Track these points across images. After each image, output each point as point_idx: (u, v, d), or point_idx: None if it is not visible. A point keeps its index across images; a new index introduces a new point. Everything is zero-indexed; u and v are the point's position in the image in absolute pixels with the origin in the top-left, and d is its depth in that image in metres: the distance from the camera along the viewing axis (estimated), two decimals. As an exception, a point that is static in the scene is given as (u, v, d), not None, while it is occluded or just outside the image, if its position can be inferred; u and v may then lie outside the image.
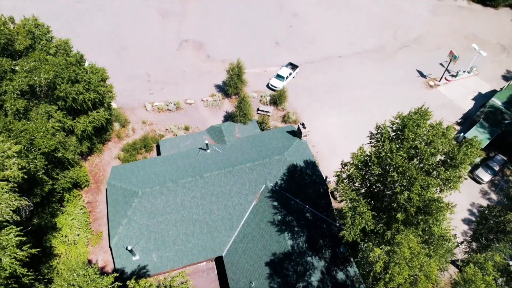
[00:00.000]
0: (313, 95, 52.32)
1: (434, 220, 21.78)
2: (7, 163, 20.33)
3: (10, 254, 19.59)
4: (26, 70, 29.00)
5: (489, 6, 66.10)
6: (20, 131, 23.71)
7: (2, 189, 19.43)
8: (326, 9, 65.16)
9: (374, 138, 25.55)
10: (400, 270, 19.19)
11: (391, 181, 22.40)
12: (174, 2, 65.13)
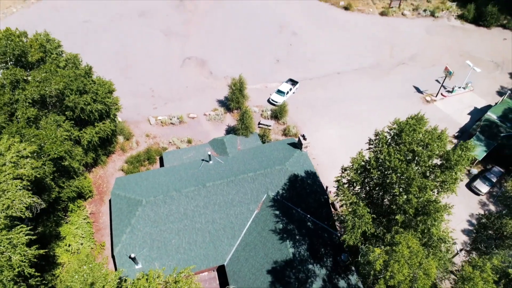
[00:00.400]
0: (313, 110, 53.60)
1: (432, 221, 22.38)
2: (21, 163, 21.18)
3: (20, 252, 20.11)
4: (38, 81, 30.22)
5: (482, 26, 68.41)
6: (32, 136, 24.58)
7: (16, 187, 20.16)
8: (324, 28, 67.47)
9: (373, 144, 26.48)
10: (399, 268, 19.66)
11: (390, 183, 23.15)
12: (177, 23, 67.51)
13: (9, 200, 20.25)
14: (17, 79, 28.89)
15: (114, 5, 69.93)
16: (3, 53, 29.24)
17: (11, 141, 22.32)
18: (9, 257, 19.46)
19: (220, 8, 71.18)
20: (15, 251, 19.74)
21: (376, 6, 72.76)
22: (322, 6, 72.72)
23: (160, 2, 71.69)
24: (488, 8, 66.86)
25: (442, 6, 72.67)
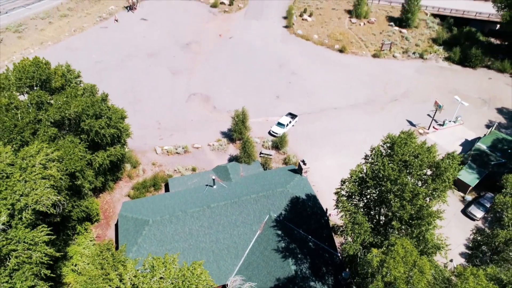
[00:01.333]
0: (312, 141, 56.22)
1: (426, 224, 24.01)
2: (49, 165, 23.13)
3: (40, 250, 21.47)
4: (59, 105, 32.96)
5: (468, 67, 73.30)
6: (54, 150, 26.69)
7: (44, 185, 21.97)
8: (321, 68, 72.15)
9: (368, 158, 28.71)
10: (395, 264, 21.03)
11: (385, 190, 25.07)
12: (183, 62, 72.25)
13: (37, 196, 22.01)
14: (41, 101, 31.64)
15: (125, 47, 75.14)
16: (31, 77, 32.33)
17: (41, 146, 24.54)
18: (30, 255, 20.77)
19: (223, 50, 76.44)
20: (36, 249, 21.11)
21: (368, 49, 78.19)
22: (319, 49, 78.15)
23: (168, 44, 77.12)
24: (472, 50, 72.11)
25: (430, 49, 78.18)
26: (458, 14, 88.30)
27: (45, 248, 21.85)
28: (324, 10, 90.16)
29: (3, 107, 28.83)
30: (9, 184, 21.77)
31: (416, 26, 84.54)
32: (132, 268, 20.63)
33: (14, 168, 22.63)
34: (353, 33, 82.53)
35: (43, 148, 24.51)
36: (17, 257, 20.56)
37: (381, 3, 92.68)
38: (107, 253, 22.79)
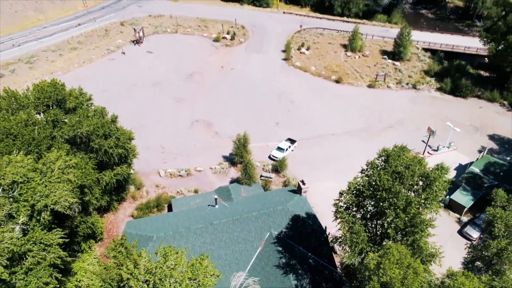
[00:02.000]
0: (311, 165, 58.01)
1: (420, 232, 25.40)
2: (66, 171, 24.77)
3: (55, 252, 22.66)
4: (72, 123, 35.10)
5: (459, 96, 76.59)
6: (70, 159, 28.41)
7: (62, 188, 23.50)
8: (319, 97, 75.30)
9: (365, 171, 30.49)
10: (390, 265, 22.21)
11: (380, 199, 26.65)
12: (187, 91, 75.47)
13: (56, 197, 23.44)
14: (57, 119, 33.80)
15: (131, 77, 78.69)
16: (48, 97, 34.68)
17: (60, 153, 26.30)
18: (45, 256, 21.89)
19: (225, 80, 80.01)
20: (51, 250, 22.27)
21: (363, 80, 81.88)
22: (316, 79, 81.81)
23: (172, 75, 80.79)
24: (462, 81, 75.70)
25: (423, 80, 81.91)
26: (448, 48, 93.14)
27: (59, 251, 23.07)
28: (321, 45, 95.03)
29: (23, 122, 30.94)
30: (30, 187, 23.37)
31: (409, 59, 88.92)
32: (146, 256, 21.85)
33: (35, 173, 24.32)
34: (349, 65, 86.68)
35: (62, 156, 26.33)
36: (33, 257, 21.77)
37: (374, 38, 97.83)
38: (120, 247, 23.96)
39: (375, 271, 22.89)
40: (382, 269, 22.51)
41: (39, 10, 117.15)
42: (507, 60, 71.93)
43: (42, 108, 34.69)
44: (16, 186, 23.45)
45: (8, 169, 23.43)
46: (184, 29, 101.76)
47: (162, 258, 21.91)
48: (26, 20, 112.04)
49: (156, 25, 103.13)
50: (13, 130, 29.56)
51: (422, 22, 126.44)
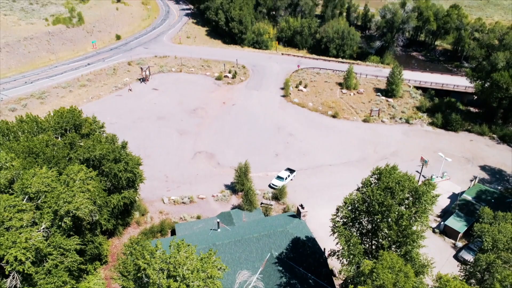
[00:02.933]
0: (309, 193, 60.05)
1: (411, 242, 27.36)
2: (86, 182, 26.98)
3: (72, 256, 24.43)
4: (87, 145, 37.87)
5: (450, 130, 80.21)
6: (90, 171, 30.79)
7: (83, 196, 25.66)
8: (316, 131, 78.78)
9: (360, 189, 32.88)
10: (383, 269, 23.97)
11: (374, 212, 28.83)
12: (190, 125, 79.00)
13: (78, 203, 25.47)
14: (74, 142, 36.54)
15: (137, 111, 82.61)
16: (67, 121, 37.69)
17: (80, 167, 28.68)
18: (63, 260, 23.60)
19: (226, 115, 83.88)
20: (68, 255, 24.03)
21: (359, 115, 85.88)
22: (313, 114, 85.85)
23: (176, 110, 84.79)
24: (453, 116, 79.66)
25: (415, 115, 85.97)
26: (438, 87, 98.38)
27: (76, 256, 24.82)
28: (318, 83, 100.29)
29: (44, 142, 33.59)
30: (54, 195, 25.54)
31: (401, 96, 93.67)
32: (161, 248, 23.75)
33: (59, 183, 26.58)
34: (344, 102, 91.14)
35: (83, 168, 28.74)
36: (53, 260, 23.51)
37: (368, 77, 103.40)
38: (135, 245, 25.68)
39: (369, 276, 24.58)
40: (376, 273, 24.26)
41: (51, 51, 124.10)
42: (493, 96, 76.26)
43: (60, 131, 37.62)
44: (41, 194, 25.66)
45: (34, 179, 25.81)
46: (188, 69, 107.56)
47: (175, 249, 23.78)
48: (38, 60, 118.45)
49: (161, 64, 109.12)
50: (36, 149, 32.20)
51: (413, 63, 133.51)
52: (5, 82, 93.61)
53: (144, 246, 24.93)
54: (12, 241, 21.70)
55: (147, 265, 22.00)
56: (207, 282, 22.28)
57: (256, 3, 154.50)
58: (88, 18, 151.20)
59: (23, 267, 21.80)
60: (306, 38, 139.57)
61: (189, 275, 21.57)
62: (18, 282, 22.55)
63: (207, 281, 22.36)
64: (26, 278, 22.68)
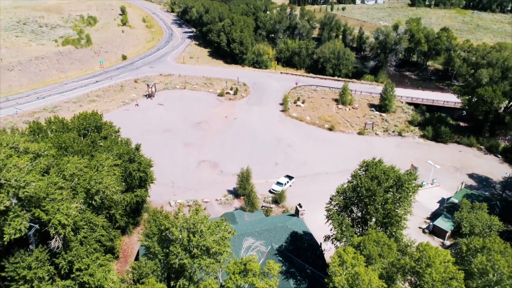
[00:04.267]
0: (307, 199, 63.73)
1: (395, 222, 31.27)
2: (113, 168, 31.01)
3: (99, 231, 28.21)
4: (106, 145, 42.12)
5: (440, 142, 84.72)
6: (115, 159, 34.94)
7: (111, 178, 29.65)
8: (314, 142, 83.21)
9: (350, 181, 37.01)
10: (370, 242, 27.73)
11: (363, 198, 32.85)
12: (194, 137, 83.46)
13: (106, 183, 29.37)
14: (95, 141, 40.79)
15: (144, 124, 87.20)
16: (89, 123, 42.07)
17: (108, 155, 32.76)
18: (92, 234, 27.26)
19: (229, 128, 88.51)
20: (97, 229, 27.73)
21: (354, 128, 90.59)
22: (310, 127, 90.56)
23: (181, 123, 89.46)
24: (442, 128, 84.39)
25: (407, 128, 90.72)
26: (429, 102, 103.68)
27: (103, 231, 28.54)
28: (315, 99, 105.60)
29: (72, 139, 37.86)
30: (86, 178, 29.52)
31: (394, 111, 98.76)
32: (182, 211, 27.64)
33: (90, 168, 30.61)
34: (340, 116, 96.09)
35: (110, 157, 32.84)
36: (85, 232, 27.21)
37: (363, 94, 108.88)
38: (159, 214, 29.43)
39: (358, 247, 28.30)
40: (363, 245, 28.01)
41: (61, 70, 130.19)
42: (479, 109, 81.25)
43: (83, 132, 41.94)
44: (75, 177, 29.61)
45: (69, 165, 29.84)
46: (191, 86, 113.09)
47: (194, 212, 27.57)
48: (48, 77, 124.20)
49: (166, 82, 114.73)
50: (65, 144, 36.37)
51: (406, 82, 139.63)
52: (19, 98, 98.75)
53: (166, 214, 28.75)
54: (56, 209, 25.49)
55: (171, 225, 25.76)
56: (219, 242, 26.04)
57: (256, 26, 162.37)
58: (96, 39, 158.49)
59: (65, 231, 25.54)
60: (304, 59, 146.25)
61: (206, 231, 25.34)
62: (60, 244, 26.24)
63: (220, 241, 26.12)
64: (65, 242, 26.29)
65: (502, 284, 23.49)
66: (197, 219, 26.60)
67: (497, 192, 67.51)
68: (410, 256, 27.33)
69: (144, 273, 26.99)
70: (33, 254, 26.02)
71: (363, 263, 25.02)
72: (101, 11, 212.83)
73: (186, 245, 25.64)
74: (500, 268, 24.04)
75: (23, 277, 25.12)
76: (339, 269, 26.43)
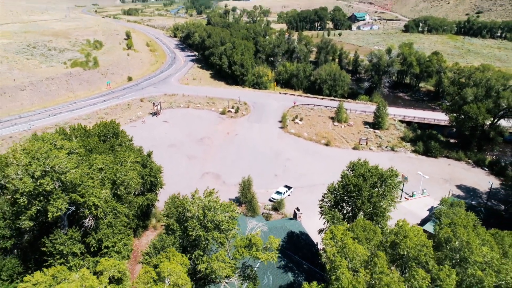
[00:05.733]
0: (305, 206, 67.31)
1: (380, 213, 35.66)
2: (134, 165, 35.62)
3: (121, 218, 32.53)
4: (123, 150, 46.84)
5: (430, 156, 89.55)
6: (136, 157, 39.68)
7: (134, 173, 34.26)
8: (311, 156, 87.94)
9: (340, 181, 41.60)
10: (357, 227, 32.02)
11: (351, 192, 37.36)
12: (198, 151, 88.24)
13: (130, 175, 33.80)
14: (113, 146, 45.59)
15: (150, 140, 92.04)
16: (109, 130, 46.98)
17: (129, 153, 37.31)
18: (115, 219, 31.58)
19: (230, 143, 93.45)
20: (119, 216, 32.01)
21: (349, 144, 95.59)
22: (308, 143, 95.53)
23: (185, 139, 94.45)
24: (432, 143, 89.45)
25: (399, 144, 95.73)
26: (420, 120, 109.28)
27: (125, 218, 32.81)
28: (312, 117, 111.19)
29: (96, 142, 42.64)
30: (112, 171, 34.07)
31: (387, 128, 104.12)
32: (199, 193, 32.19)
33: (115, 164, 35.18)
34: (336, 133, 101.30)
35: (131, 155, 37.48)
36: (110, 218, 31.46)
37: (357, 112, 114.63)
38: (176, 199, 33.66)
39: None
40: (351, 230, 32.29)
41: (70, 89, 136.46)
42: (465, 125, 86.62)
43: (103, 138, 46.77)
44: (102, 171, 34.15)
45: (97, 161, 34.45)
46: (195, 105, 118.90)
47: (208, 194, 31.91)
48: (58, 97, 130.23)
49: (170, 101, 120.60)
50: (89, 146, 41.08)
51: (400, 102, 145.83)
52: (31, 115, 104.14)
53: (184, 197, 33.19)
54: (91, 193, 29.88)
55: (189, 204, 30.08)
56: (229, 220, 30.35)
57: (256, 50, 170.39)
58: (102, 62, 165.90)
59: (97, 212, 29.78)
60: (302, 80, 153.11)
61: (218, 208, 29.66)
62: (92, 223, 30.40)
63: (229, 220, 30.44)
64: (95, 223, 30.51)
65: (463, 250, 27.61)
66: (210, 199, 31.03)
67: (483, 202, 71.78)
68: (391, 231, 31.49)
69: (166, 245, 31.10)
70: (68, 233, 30.20)
71: (350, 238, 29.22)
72: (107, 36, 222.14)
73: (201, 219, 29.96)
74: (461, 236, 28.19)
75: (59, 252, 29.25)
76: (330, 241, 30.60)
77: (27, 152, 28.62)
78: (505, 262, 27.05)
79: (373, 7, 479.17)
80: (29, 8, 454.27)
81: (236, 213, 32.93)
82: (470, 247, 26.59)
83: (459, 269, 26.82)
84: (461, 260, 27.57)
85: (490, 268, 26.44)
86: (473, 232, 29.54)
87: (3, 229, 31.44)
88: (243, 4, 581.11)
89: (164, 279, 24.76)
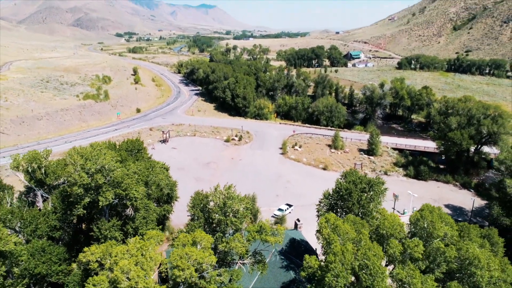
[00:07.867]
0: (304, 221, 73.54)
1: (368, 212, 42.25)
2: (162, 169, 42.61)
3: (151, 212, 39.14)
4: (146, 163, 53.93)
5: (421, 179, 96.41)
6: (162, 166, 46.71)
7: (163, 176, 41.20)
8: (310, 179, 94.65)
9: (334, 188, 48.46)
10: (347, 222, 38.45)
11: (343, 195, 44.10)
12: (205, 174, 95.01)
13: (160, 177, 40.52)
14: (138, 159, 52.74)
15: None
16: (134, 146, 54.28)
17: (158, 161, 44.35)
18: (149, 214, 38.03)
19: (235, 167, 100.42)
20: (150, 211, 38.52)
21: (345, 168, 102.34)
22: (307, 167, 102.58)
23: (192, 163, 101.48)
24: (422, 167, 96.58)
25: (392, 169, 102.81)
26: (411, 148, 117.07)
27: (156, 215, 39.29)
28: (310, 144, 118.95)
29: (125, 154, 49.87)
30: (144, 174, 40.83)
31: (380, 154, 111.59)
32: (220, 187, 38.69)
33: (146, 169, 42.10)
34: (333, 158, 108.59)
35: (159, 162, 44.49)
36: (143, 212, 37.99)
37: (353, 140, 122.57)
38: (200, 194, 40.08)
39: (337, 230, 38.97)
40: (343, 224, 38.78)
41: (83, 120, 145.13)
42: (451, 150, 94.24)
43: (129, 152, 54.00)
44: (135, 174, 41.07)
45: (131, 166, 41.51)
46: (200, 133, 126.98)
47: (227, 188, 38.43)
48: (72, 126, 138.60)
49: (178, 130, 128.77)
50: (120, 158, 48.17)
51: (393, 132, 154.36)
52: (48, 142, 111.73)
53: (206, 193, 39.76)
54: (131, 188, 36.53)
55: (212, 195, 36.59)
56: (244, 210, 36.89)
57: (257, 84, 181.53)
58: (112, 95, 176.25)
59: (136, 203, 36.17)
60: (300, 112, 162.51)
61: (236, 198, 36.17)
62: (132, 212, 36.65)
63: (244, 210, 36.96)
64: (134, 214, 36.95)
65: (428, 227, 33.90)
66: (229, 191, 37.61)
67: (468, 219, 77.82)
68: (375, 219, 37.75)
69: (194, 228, 37.18)
70: (111, 221, 36.50)
71: (341, 221, 35.54)
72: (115, 71, 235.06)
73: (222, 207, 36.37)
74: (427, 218, 34.58)
75: (104, 237, 35.37)
76: (325, 224, 36.92)
77: (81, 154, 35.64)
78: (467, 243, 33.43)
79: (368, 46, 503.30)
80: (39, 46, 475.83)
81: (249, 204, 39.47)
82: (434, 225, 32.89)
83: (426, 244, 32.96)
84: (427, 235, 33.79)
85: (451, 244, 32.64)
86: (437, 216, 36.12)
87: (54, 221, 37.82)
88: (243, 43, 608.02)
89: (196, 244, 30.88)
